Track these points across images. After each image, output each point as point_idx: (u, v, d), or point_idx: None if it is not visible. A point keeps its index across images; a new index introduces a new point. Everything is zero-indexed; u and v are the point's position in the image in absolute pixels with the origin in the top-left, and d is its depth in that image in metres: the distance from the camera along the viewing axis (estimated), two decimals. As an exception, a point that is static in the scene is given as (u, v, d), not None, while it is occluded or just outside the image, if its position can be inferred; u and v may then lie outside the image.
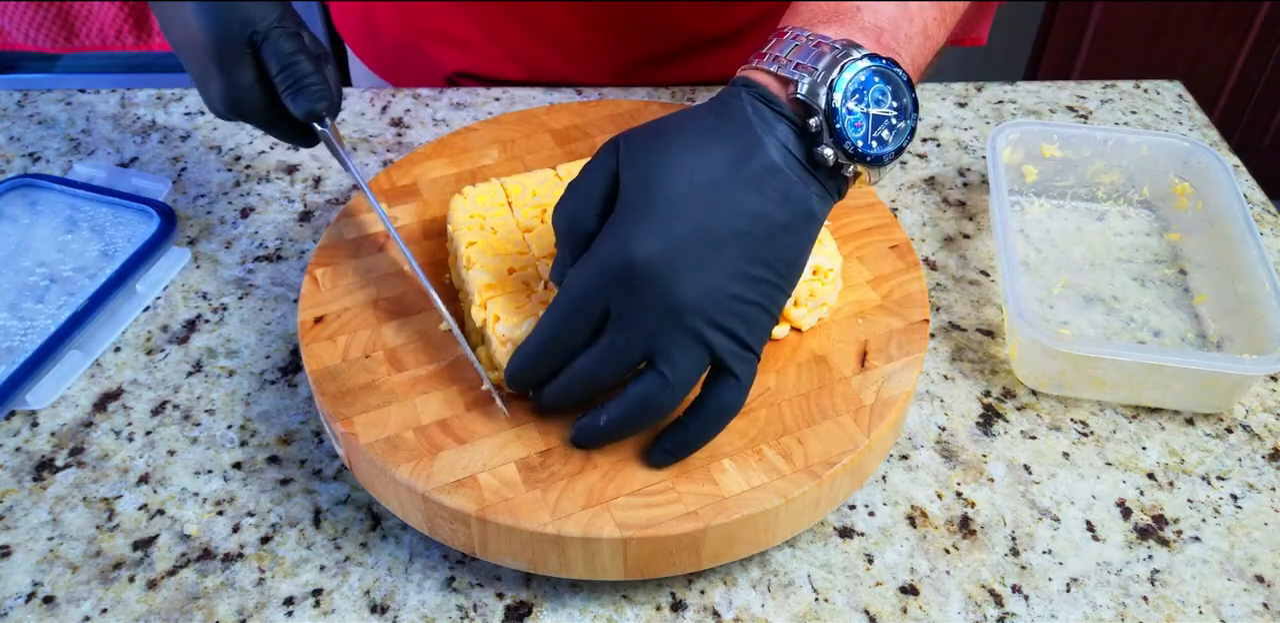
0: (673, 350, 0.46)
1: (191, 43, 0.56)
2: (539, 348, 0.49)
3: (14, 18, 1.37)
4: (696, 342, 0.46)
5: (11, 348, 0.62)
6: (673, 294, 0.45)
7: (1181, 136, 0.72)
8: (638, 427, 0.49)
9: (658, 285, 0.45)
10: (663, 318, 0.45)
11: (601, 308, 0.46)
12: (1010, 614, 0.53)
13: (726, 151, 0.47)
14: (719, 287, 0.45)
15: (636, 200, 0.46)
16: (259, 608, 0.52)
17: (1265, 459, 0.60)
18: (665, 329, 0.45)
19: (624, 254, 0.45)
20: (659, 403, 0.48)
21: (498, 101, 0.84)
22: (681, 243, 0.45)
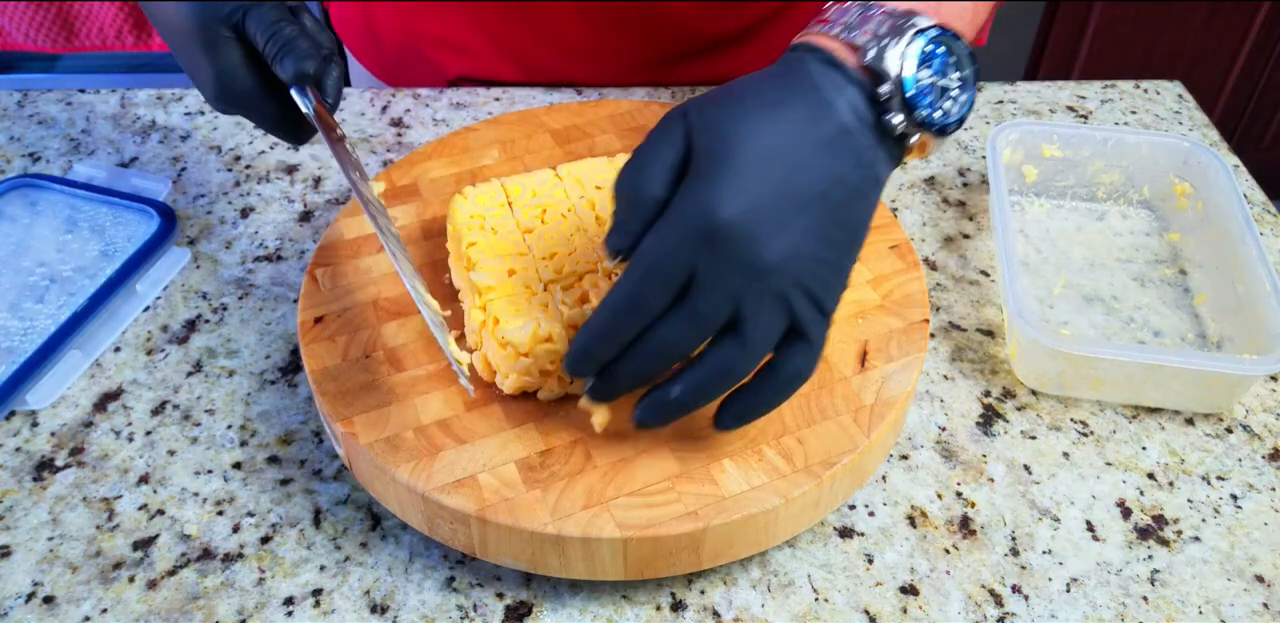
0: (756, 314, 0.45)
1: (174, 30, 0.56)
2: (614, 318, 0.46)
3: (14, 18, 1.37)
4: (779, 305, 0.45)
5: (11, 348, 0.62)
6: (758, 255, 0.44)
7: (1181, 137, 0.72)
8: (711, 396, 0.48)
9: (743, 246, 0.44)
10: (747, 280, 0.44)
11: (684, 272, 0.44)
12: (1010, 614, 0.53)
13: (801, 114, 0.46)
14: (801, 249, 0.45)
15: (715, 163, 0.45)
16: (259, 608, 0.52)
17: (1265, 459, 0.60)
18: (749, 292, 0.44)
19: (708, 215, 0.44)
20: (738, 369, 0.46)
21: (498, 101, 0.84)
22: (765, 204, 0.44)
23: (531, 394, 0.54)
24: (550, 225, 0.57)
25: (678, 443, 0.52)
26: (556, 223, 0.58)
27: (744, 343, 0.46)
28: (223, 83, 0.56)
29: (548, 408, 0.53)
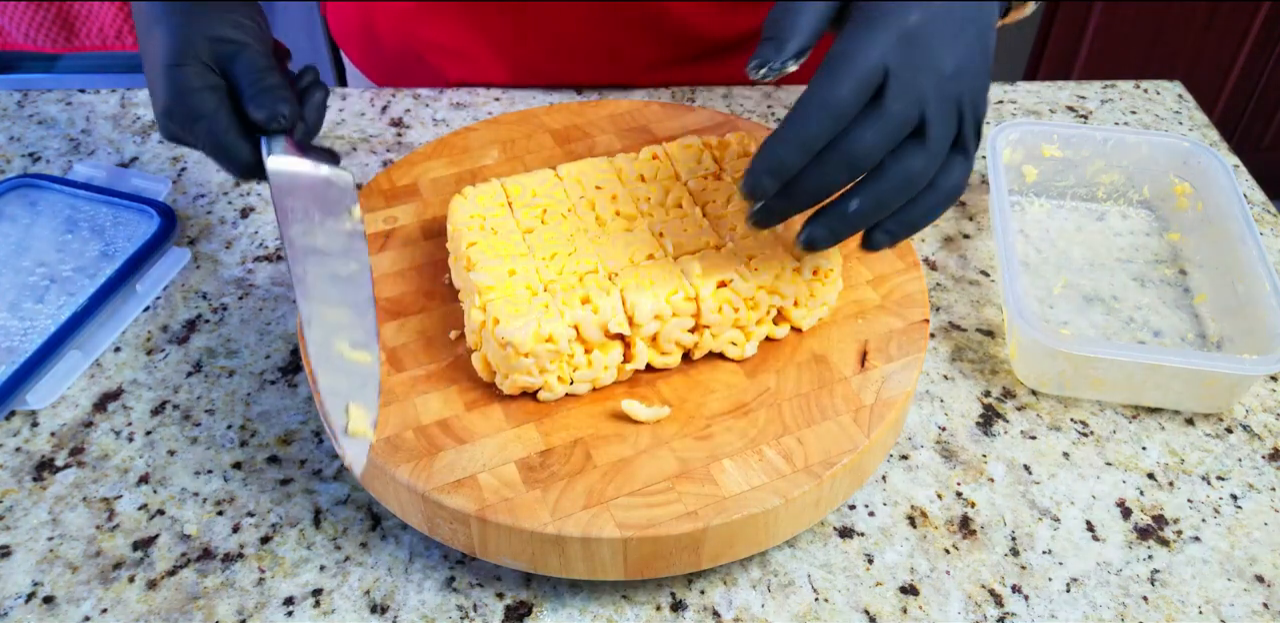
0: (939, 118, 0.46)
1: (156, 47, 0.55)
2: (809, 122, 0.45)
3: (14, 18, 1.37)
4: (954, 112, 0.47)
5: (11, 348, 0.62)
6: (943, 59, 0.46)
7: (1181, 137, 0.72)
8: (889, 208, 0.48)
9: (933, 49, 0.46)
10: (934, 83, 0.46)
11: (880, 73, 0.45)
12: (1010, 614, 0.53)
13: None
14: (969, 60, 0.47)
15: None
16: (259, 608, 0.52)
17: (1265, 459, 0.60)
18: (935, 96, 0.46)
19: (904, 17, 0.45)
20: (919, 176, 0.47)
21: (498, 101, 0.84)
22: (940, 14, 0.47)
23: (531, 394, 0.54)
24: (550, 226, 0.57)
25: (678, 443, 0.52)
26: (556, 223, 0.58)
27: (927, 149, 0.46)
28: (181, 101, 0.54)
29: (548, 408, 0.53)
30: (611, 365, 0.54)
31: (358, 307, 0.52)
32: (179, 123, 0.54)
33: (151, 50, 0.56)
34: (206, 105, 0.54)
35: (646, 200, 0.59)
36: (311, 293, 0.51)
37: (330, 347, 0.50)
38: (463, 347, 0.56)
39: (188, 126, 0.54)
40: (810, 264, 0.55)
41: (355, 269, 0.53)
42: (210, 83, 0.55)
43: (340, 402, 0.48)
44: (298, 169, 0.55)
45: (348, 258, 0.53)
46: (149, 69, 0.56)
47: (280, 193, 0.54)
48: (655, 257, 0.55)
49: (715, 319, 0.54)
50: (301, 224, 0.53)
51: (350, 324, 0.51)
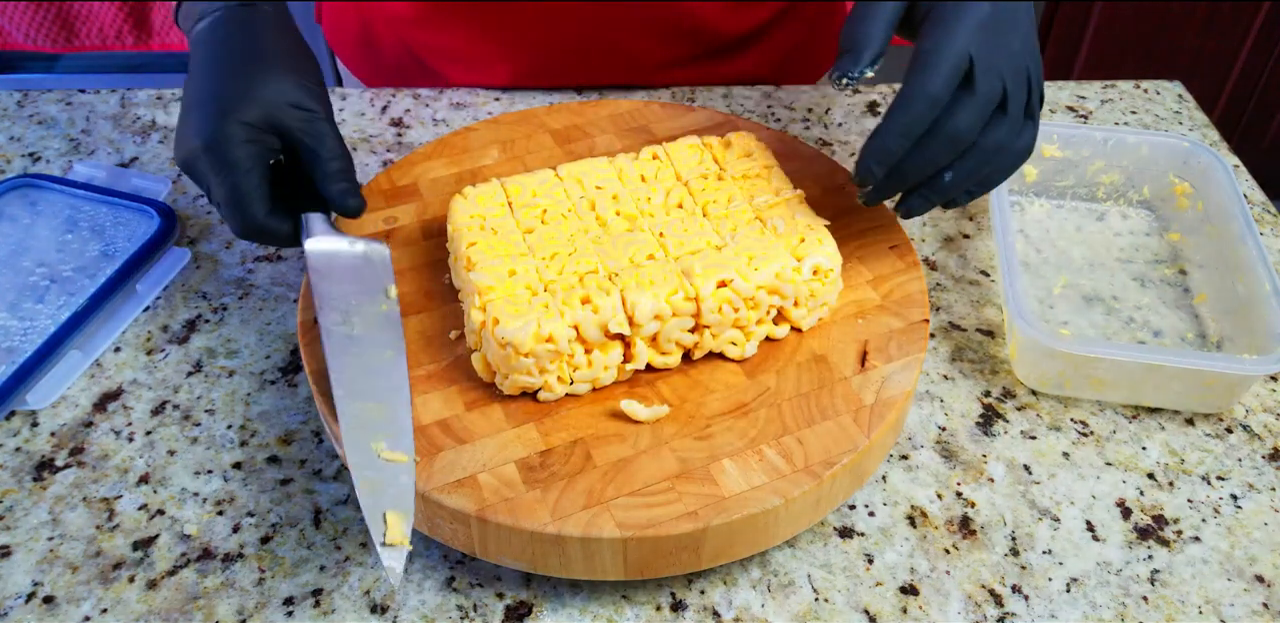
0: (1017, 89, 0.52)
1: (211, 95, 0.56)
2: (913, 112, 0.51)
3: (14, 18, 1.37)
4: (1025, 83, 0.53)
5: (11, 348, 0.62)
6: (1012, 40, 0.52)
7: (1181, 136, 0.72)
8: (978, 175, 0.55)
9: (1003, 33, 0.52)
10: (1009, 61, 0.52)
11: (968, 60, 0.51)
12: (1010, 614, 0.53)
13: None
14: (1029, 37, 0.54)
15: None
16: (259, 608, 0.52)
17: (1265, 459, 0.60)
18: (1011, 71, 0.52)
19: (978, 8, 0.51)
20: (1007, 144, 0.53)
21: (498, 101, 0.84)
22: (1003, 3, 0.52)
23: (531, 394, 0.54)
24: (550, 226, 0.57)
25: (678, 443, 0.52)
26: (557, 223, 0.58)
27: (1010, 119, 0.53)
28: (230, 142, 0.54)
29: (548, 408, 0.53)
30: (611, 366, 0.54)
31: (392, 400, 0.52)
32: (215, 172, 0.55)
33: (213, 93, 0.55)
34: (252, 178, 0.55)
35: (647, 200, 0.59)
36: (349, 389, 0.52)
37: (367, 448, 0.50)
38: (463, 347, 0.56)
39: (222, 179, 0.55)
40: (810, 264, 0.55)
41: (390, 356, 0.54)
42: (262, 149, 0.55)
43: (378, 511, 0.48)
44: (336, 248, 0.58)
45: (383, 346, 0.54)
46: (198, 105, 0.55)
47: (317, 276, 0.56)
48: (655, 257, 0.55)
49: (715, 319, 0.54)
50: (338, 311, 0.55)
51: (386, 421, 0.51)
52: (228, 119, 0.54)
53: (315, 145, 0.56)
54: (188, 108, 0.56)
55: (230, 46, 0.58)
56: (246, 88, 0.55)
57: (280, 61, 0.57)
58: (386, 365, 0.54)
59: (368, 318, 0.55)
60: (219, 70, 0.57)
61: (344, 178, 0.57)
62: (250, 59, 0.57)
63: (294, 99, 0.55)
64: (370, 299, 0.56)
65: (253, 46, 0.58)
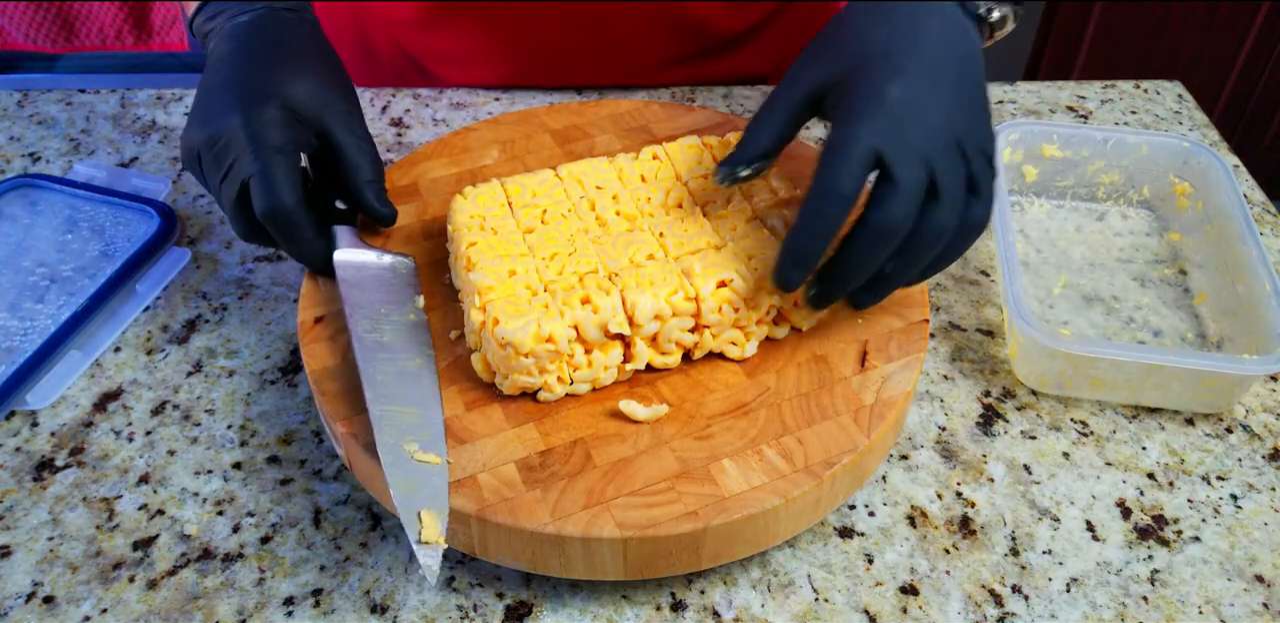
0: (949, 173, 0.49)
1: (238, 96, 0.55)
2: (819, 217, 0.49)
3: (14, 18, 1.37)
4: (959, 157, 0.50)
5: (11, 348, 0.62)
6: (932, 115, 0.49)
7: (1181, 137, 0.72)
8: (923, 261, 0.51)
9: (919, 112, 0.49)
10: (930, 140, 0.49)
11: (873, 151, 0.48)
12: (1010, 614, 0.53)
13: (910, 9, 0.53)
14: (959, 100, 0.51)
15: (863, 58, 0.51)
16: (259, 608, 0.52)
17: (1265, 459, 0.60)
18: (936, 151, 0.49)
19: (883, 96, 0.49)
20: (948, 228, 0.50)
21: (498, 102, 0.84)
22: (920, 75, 0.50)
23: (531, 394, 0.54)
24: (550, 226, 0.57)
25: (678, 443, 0.52)
26: (557, 223, 0.58)
27: (945, 203, 0.49)
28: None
29: (548, 408, 0.53)
30: (611, 366, 0.54)
31: (424, 405, 0.53)
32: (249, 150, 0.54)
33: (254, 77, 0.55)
34: (288, 160, 0.54)
35: (647, 200, 0.59)
36: (381, 393, 0.52)
37: (400, 450, 0.50)
38: (462, 347, 0.56)
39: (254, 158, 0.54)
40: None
41: (420, 363, 0.55)
42: (300, 138, 0.55)
43: (412, 511, 0.48)
44: (364, 259, 0.59)
45: (413, 353, 0.55)
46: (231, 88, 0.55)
47: (347, 286, 0.57)
48: (655, 257, 0.55)
49: (715, 319, 0.54)
50: (368, 319, 0.56)
51: (418, 425, 0.52)
52: (270, 102, 0.54)
53: (354, 148, 0.56)
54: (214, 90, 0.55)
55: (275, 40, 0.57)
56: (292, 77, 0.55)
57: (327, 62, 0.58)
58: (416, 371, 0.54)
59: (397, 327, 0.56)
60: (261, 59, 0.56)
61: (379, 185, 0.58)
62: (297, 55, 0.57)
63: (338, 98, 0.55)
64: (399, 310, 0.57)
65: (299, 45, 0.58)
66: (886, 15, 0.53)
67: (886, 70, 0.50)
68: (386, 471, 0.49)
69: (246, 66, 0.56)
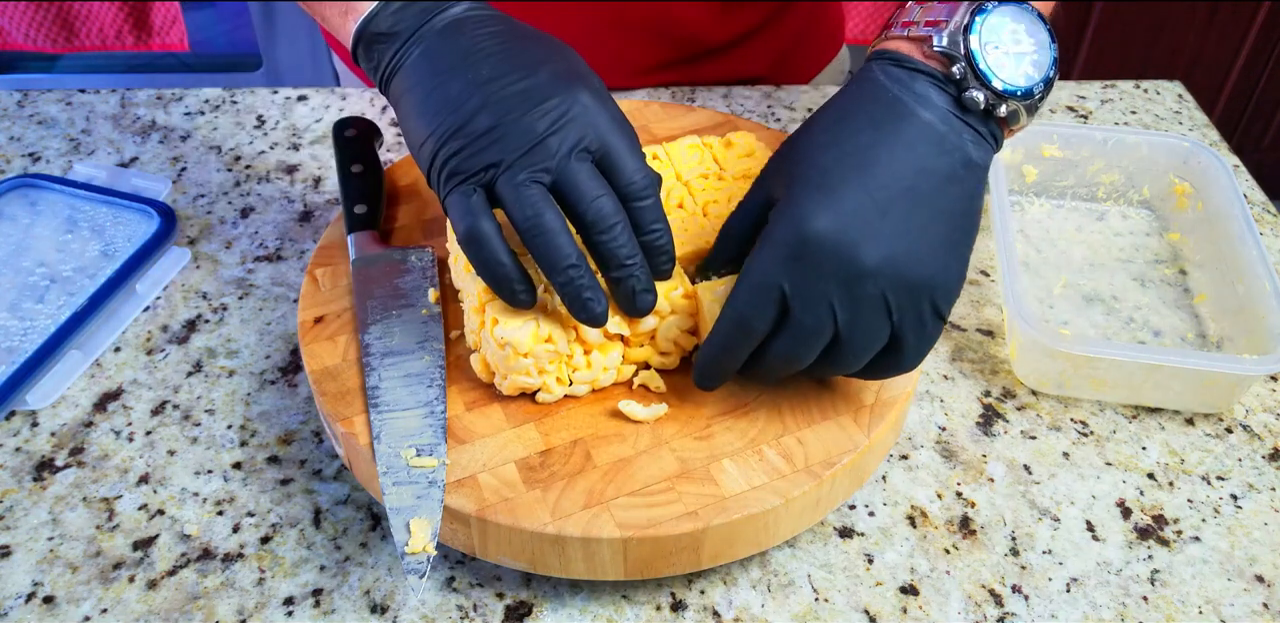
0: (854, 323, 0.45)
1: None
2: (726, 339, 0.48)
3: (14, 18, 1.37)
4: (882, 309, 0.45)
5: (11, 348, 0.62)
6: (852, 262, 0.44)
7: (1181, 137, 0.72)
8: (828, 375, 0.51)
9: (835, 255, 0.44)
10: (842, 288, 0.45)
11: (778, 289, 0.45)
12: (1010, 614, 0.53)
13: (869, 118, 0.47)
14: (900, 249, 0.45)
15: (796, 183, 0.46)
16: (259, 608, 0.52)
17: (1265, 459, 0.60)
18: (846, 300, 0.45)
19: (796, 230, 0.45)
20: (847, 370, 0.49)
21: (498, 101, 0.84)
22: (850, 210, 0.45)
23: (531, 394, 0.54)
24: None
25: (678, 443, 0.52)
26: (556, 223, 0.58)
27: (847, 354, 0.47)
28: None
29: (547, 408, 0.53)
30: (611, 367, 0.54)
31: (428, 405, 0.53)
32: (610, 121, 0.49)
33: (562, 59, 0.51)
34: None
35: (646, 200, 0.59)
36: (383, 401, 0.52)
37: (397, 458, 0.50)
38: (462, 347, 0.56)
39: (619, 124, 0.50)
40: None
41: (428, 361, 0.55)
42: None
43: (402, 519, 0.48)
44: (379, 254, 0.60)
45: (422, 351, 0.55)
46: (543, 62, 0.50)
47: (360, 283, 0.57)
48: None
49: (715, 319, 0.54)
50: (379, 322, 0.56)
51: (419, 428, 0.52)
52: (593, 78, 0.50)
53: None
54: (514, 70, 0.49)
55: (524, 30, 0.52)
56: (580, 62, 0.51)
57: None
58: (422, 371, 0.54)
59: (408, 325, 0.56)
60: (533, 40, 0.51)
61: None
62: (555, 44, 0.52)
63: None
64: (412, 308, 0.57)
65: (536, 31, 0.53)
66: (846, 124, 0.48)
67: (818, 197, 0.45)
68: (381, 481, 0.49)
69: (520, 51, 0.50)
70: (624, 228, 0.48)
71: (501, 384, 0.53)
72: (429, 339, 0.55)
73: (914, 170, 0.46)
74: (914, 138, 0.46)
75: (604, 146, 0.49)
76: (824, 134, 0.48)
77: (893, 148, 0.46)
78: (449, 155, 0.48)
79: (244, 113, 0.83)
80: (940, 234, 0.46)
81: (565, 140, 0.48)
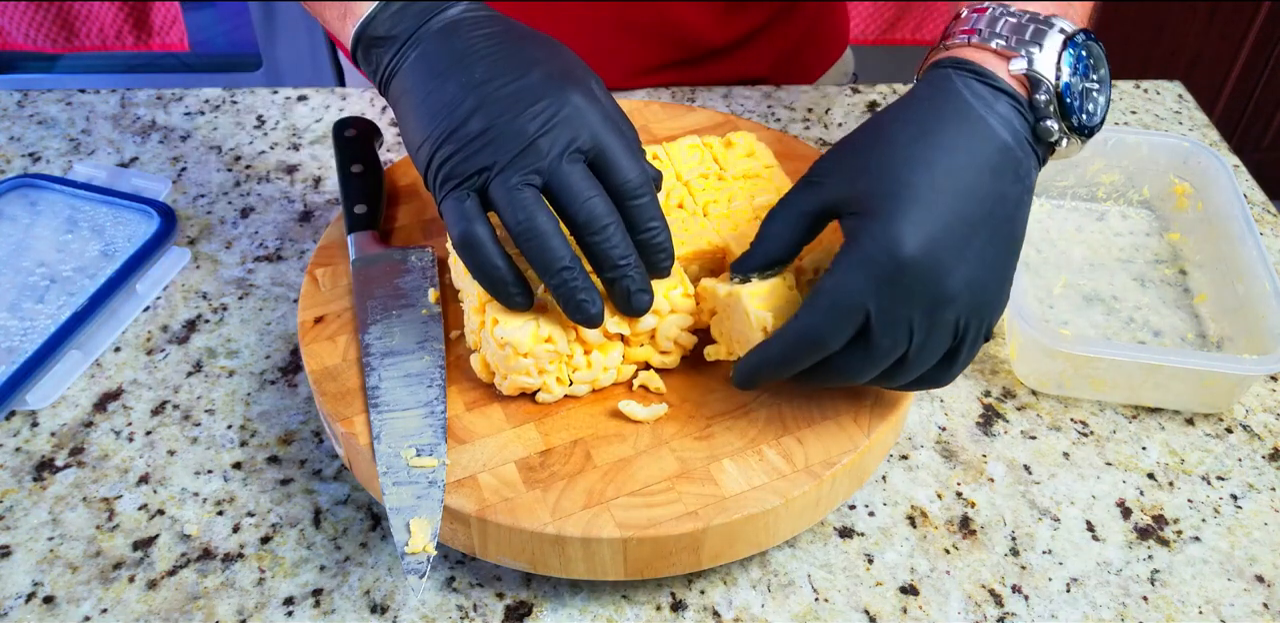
0: (927, 345, 0.45)
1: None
2: (790, 351, 0.47)
3: (14, 18, 1.37)
4: (949, 333, 0.46)
5: (11, 348, 0.62)
6: (941, 289, 0.44)
7: (1181, 137, 0.72)
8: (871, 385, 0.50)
9: (927, 282, 0.44)
10: (926, 314, 0.44)
11: (863, 311, 0.45)
12: (1010, 614, 0.53)
13: (957, 136, 0.46)
14: (977, 274, 0.45)
15: (884, 200, 0.45)
16: (259, 608, 0.52)
17: (1265, 459, 0.60)
18: (927, 324, 0.45)
19: (892, 255, 0.44)
20: (905, 382, 0.48)
21: (498, 101, 0.84)
22: (941, 236, 0.44)
23: (531, 394, 0.54)
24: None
25: (678, 443, 0.52)
26: (556, 223, 0.58)
27: (911, 369, 0.47)
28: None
29: (547, 408, 0.53)
30: (611, 367, 0.54)
31: (428, 405, 0.53)
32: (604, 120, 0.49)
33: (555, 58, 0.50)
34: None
35: (646, 200, 0.59)
36: (383, 401, 0.52)
37: (397, 458, 0.50)
38: (462, 347, 0.56)
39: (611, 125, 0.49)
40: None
41: (428, 361, 0.55)
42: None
43: (402, 519, 0.48)
44: (380, 253, 0.59)
45: (421, 351, 0.55)
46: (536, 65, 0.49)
47: (360, 284, 0.57)
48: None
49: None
50: (380, 322, 0.56)
51: (419, 428, 0.52)
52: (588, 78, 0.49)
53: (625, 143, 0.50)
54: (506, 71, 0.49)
55: (521, 31, 0.52)
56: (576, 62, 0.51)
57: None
58: (422, 371, 0.54)
59: (409, 325, 0.56)
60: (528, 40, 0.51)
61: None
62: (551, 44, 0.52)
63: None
64: (411, 308, 0.57)
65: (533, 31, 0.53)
66: (933, 140, 0.46)
67: (914, 218, 0.44)
68: (381, 481, 0.49)
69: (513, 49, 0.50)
70: (617, 228, 0.48)
71: (501, 384, 0.53)
72: (429, 339, 0.55)
73: (995, 197, 0.46)
74: (998, 164, 0.46)
75: (597, 146, 0.48)
76: (909, 147, 0.46)
77: (980, 172, 0.45)
78: (443, 160, 0.48)
79: (244, 113, 0.83)
80: (1003, 259, 0.47)
81: (556, 141, 0.47)
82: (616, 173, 0.49)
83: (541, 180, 0.48)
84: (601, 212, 0.48)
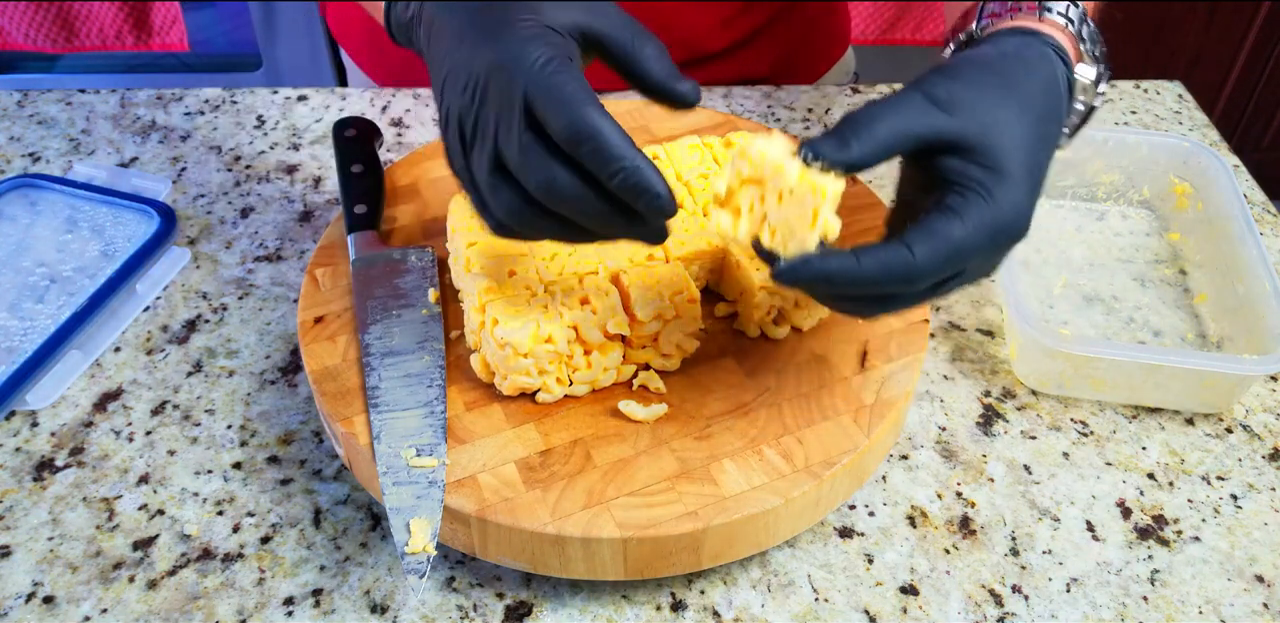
0: (985, 267, 0.48)
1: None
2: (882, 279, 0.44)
3: (14, 18, 1.37)
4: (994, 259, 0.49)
5: (11, 348, 0.62)
6: (1016, 227, 0.47)
7: (1181, 137, 0.72)
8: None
9: (1018, 238, 0.47)
10: (997, 254, 0.48)
11: (966, 263, 0.46)
12: (1010, 614, 0.53)
13: (1055, 116, 0.50)
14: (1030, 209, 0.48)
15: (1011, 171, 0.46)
16: (259, 608, 0.52)
17: (1265, 459, 0.60)
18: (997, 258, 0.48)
19: (1007, 227, 0.46)
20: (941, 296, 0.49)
21: (498, 101, 0.84)
22: (1032, 196, 0.47)
23: (531, 394, 0.54)
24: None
25: (677, 443, 0.52)
26: (556, 223, 0.58)
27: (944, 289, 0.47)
28: None
29: (547, 408, 0.53)
30: (611, 367, 0.54)
31: (428, 405, 0.53)
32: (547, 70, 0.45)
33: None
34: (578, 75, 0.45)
35: (646, 200, 0.59)
36: (383, 401, 0.53)
37: (397, 458, 0.50)
38: (462, 347, 0.56)
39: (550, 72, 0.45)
40: None
41: (428, 361, 0.55)
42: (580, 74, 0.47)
43: (402, 519, 0.49)
44: (380, 255, 0.59)
45: (421, 351, 0.55)
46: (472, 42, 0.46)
47: (360, 285, 0.57)
48: (656, 257, 0.55)
49: (715, 319, 0.54)
50: (380, 322, 0.56)
51: (419, 427, 0.52)
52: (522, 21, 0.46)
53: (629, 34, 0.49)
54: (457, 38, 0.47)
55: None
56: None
57: None
58: (422, 371, 0.54)
59: (408, 326, 0.56)
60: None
61: (667, 60, 0.50)
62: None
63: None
64: (412, 308, 0.57)
65: None
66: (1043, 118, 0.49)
67: (1028, 194, 0.47)
68: (381, 481, 0.49)
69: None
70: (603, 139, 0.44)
71: (501, 384, 0.53)
72: (429, 339, 0.56)
73: (1052, 146, 0.50)
74: (1056, 116, 0.50)
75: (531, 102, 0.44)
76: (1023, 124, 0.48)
77: (1049, 128, 0.49)
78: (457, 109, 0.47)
79: (244, 113, 0.83)
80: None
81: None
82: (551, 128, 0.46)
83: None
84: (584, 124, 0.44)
